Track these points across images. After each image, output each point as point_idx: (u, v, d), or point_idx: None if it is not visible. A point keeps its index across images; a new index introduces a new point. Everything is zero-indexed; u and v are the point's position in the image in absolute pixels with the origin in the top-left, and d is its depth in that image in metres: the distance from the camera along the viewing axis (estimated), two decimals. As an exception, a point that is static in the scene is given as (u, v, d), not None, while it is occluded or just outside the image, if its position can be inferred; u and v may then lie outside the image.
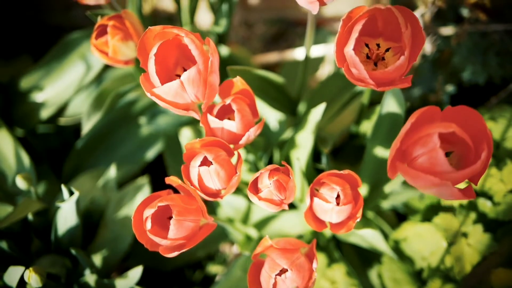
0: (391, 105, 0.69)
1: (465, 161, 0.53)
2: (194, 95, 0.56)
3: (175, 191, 0.61)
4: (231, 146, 0.61)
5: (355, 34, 0.54)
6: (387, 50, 0.59)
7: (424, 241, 0.78)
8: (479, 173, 0.52)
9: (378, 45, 0.59)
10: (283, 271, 0.59)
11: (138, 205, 0.58)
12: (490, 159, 0.51)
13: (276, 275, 0.58)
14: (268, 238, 0.60)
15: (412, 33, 0.54)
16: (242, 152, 0.81)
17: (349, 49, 0.54)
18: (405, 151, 0.52)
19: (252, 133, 0.60)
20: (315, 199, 0.59)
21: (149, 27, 0.57)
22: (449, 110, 0.53)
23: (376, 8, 0.54)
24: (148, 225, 0.56)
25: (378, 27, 0.58)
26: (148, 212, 0.56)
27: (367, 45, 0.59)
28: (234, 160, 0.61)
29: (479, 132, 0.51)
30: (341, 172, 0.59)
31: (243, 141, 0.60)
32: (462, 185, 0.53)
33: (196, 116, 0.58)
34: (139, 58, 0.58)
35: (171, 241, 0.57)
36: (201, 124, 0.61)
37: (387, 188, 0.72)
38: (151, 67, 0.56)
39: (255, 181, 0.59)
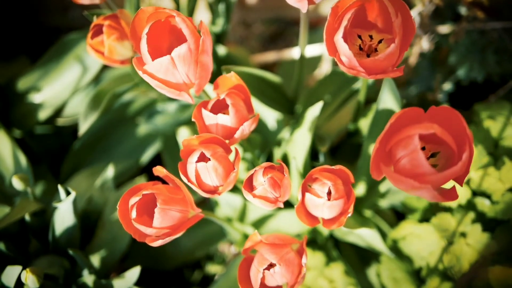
0: (387, 102, 0.69)
1: (451, 161, 0.54)
2: (185, 74, 0.56)
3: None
4: (226, 141, 0.61)
5: (344, 23, 0.54)
6: (380, 42, 0.59)
7: (422, 240, 0.78)
8: (462, 174, 0.52)
9: (371, 36, 0.59)
10: (272, 265, 0.59)
11: (123, 195, 0.58)
12: (472, 160, 0.51)
13: (264, 269, 0.58)
14: (257, 233, 0.60)
15: (402, 22, 0.54)
16: (239, 150, 0.81)
17: (338, 37, 0.54)
18: (390, 152, 0.53)
19: (247, 127, 0.60)
20: (307, 194, 0.59)
21: (141, 7, 0.57)
22: (433, 110, 0.53)
23: None
24: (133, 213, 0.56)
25: (370, 19, 0.58)
26: (133, 200, 0.56)
27: (360, 37, 0.59)
28: (231, 157, 0.61)
29: (462, 133, 0.51)
30: (333, 167, 0.59)
31: (237, 135, 0.60)
32: (447, 185, 0.53)
33: (189, 99, 0.58)
34: (131, 41, 0.57)
35: (156, 230, 0.57)
36: (193, 119, 0.61)
37: (382, 187, 0.72)
38: (143, 46, 0.56)
39: (250, 179, 0.59)
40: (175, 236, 0.58)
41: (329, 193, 0.59)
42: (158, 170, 0.59)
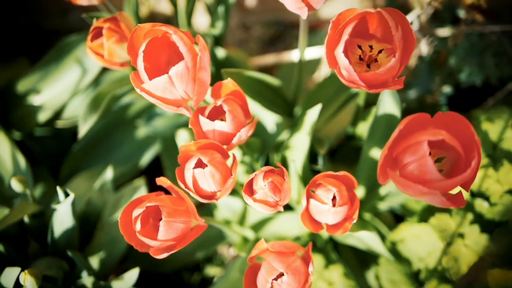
0: (387, 106, 0.69)
1: (457, 167, 0.54)
2: (183, 91, 0.57)
3: (168, 193, 0.61)
4: (224, 147, 0.61)
5: (345, 37, 0.54)
6: (380, 52, 0.59)
7: (421, 242, 0.78)
8: (469, 180, 0.52)
9: (371, 46, 0.59)
10: (279, 275, 0.59)
11: (125, 207, 0.58)
12: (480, 166, 0.52)
13: (272, 279, 0.58)
14: (263, 241, 0.60)
15: (403, 35, 0.54)
16: (238, 154, 0.81)
17: (339, 51, 0.54)
18: (396, 158, 0.53)
19: (244, 133, 0.61)
20: (311, 201, 0.59)
21: (138, 24, 0.57)
22: (439, 116, 0.53)
23: (367, 11, 0.54)
24: (138, 226, 0.56)
25: (371, 29, 0.58)
26: (137, 212, 0.56)
27: (360, 47, 0.59)
28: (229, 162, 0.61)
29: (469, 139, 0.51)
30: (337, 173, 0.59)
31: (235, 141, 0.60)
32: (454, 191, 0.53)
33: (187, 113, 0.58)
34: (129, 56, 0.58)
35: (161, 243, 0.57)
36: (190, 126, 0.61)
37: (383, 191, 0.72)
38: (140, 64, 0.56)
39: (250, 183, 0.59)
40: (179, 248, 0.58)
41: (333, 199, 0.59)
42: (162, 181, 0.59)
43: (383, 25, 0.56)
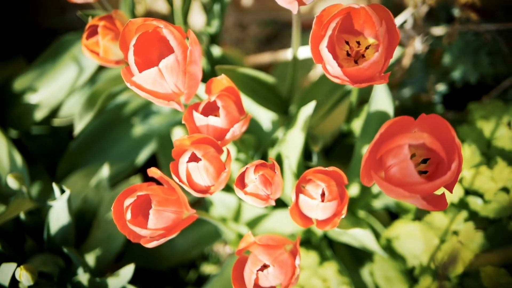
0: (379, 103, 0.69)
1: (441, 168, 0.54)
2: (174, 85, 0.57)
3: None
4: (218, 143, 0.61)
5: (329, 32, 0.54)
6: (367, 48, 0.59)
7: (415, 239, 0.79)
8: (452, 182, 0.53)
9: (358, 42, 0.59)
10: (265, 266, 0.59)
11: (118, 196, 0.58)
12: (461, 168, 0.52)
13: (257, 270, 0.59)
14: (251, 234, 0.60)
15: (387, 30, 0.54)
16: (233, 151, 0.82)
17: (322, 46, 0.54)
18: (380, 160, 0.53)
19: (237, 128, 0.61)
20: (301, 196, 0.59)
21: (130, 19, 0.57)
22: (423, 118, 0.53)
23: (351, 7, 0.54)
24: (128, 215, 0.57)
25: (357, 25, 0.58)
26: (128, 202, 0.57)
27: (347, 43, 0.59)
28: (223, 157, 0.61)
29: (451, 142, 0.52)
30: (327, 169, 0.59)
31: (228, 136, 0.61)
32: (438, 192, 0.54)
33: (178, 107, 0.59)
34: (122, 51, 0.58)
35: (151, 231, 0.57)
36: (183, 121, 0.61)
37: (375, 188, 0.73)
38: (130, 57, 0.56)
39: (242, 176, 0.60)
40: (169, 237, 0.58)
41: (322, 195, 0.59)
42: (153, 172, 0.59)
43: (369, 21, 0.57)
